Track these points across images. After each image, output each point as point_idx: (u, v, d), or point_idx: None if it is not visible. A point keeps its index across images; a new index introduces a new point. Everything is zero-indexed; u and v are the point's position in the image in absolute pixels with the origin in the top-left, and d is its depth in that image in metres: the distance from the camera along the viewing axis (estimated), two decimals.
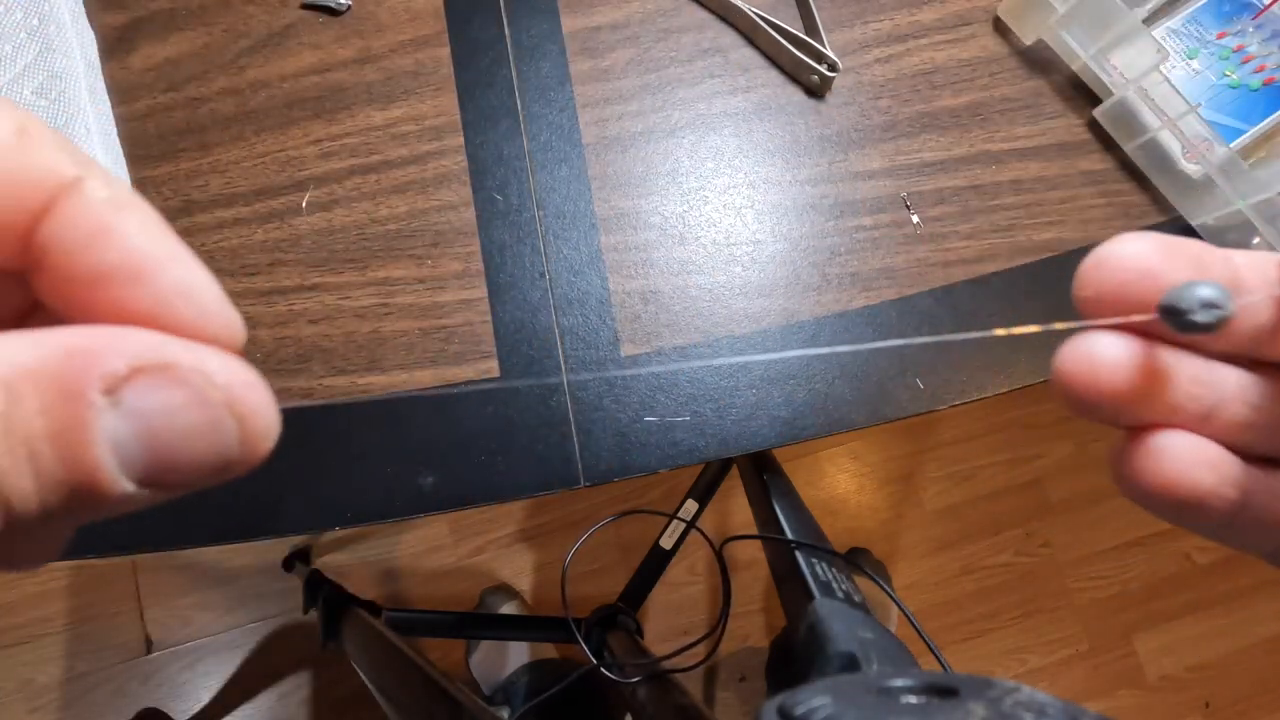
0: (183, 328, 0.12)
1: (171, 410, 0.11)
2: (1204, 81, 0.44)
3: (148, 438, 0.11)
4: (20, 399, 0.10)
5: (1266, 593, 1.19)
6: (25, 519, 0.10)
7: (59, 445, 0.10)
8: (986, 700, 0.20)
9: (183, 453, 0.11)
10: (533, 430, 0.39)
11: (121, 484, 0.11)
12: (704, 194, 0.43)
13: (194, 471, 0.11)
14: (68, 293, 0.11)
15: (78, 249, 0.11)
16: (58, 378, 0.10)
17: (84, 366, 0.10)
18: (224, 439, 0.11)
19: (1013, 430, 1.20)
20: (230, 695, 1.04)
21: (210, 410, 0.11)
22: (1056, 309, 0.42)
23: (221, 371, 0.12)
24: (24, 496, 0.10)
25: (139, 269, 0.11)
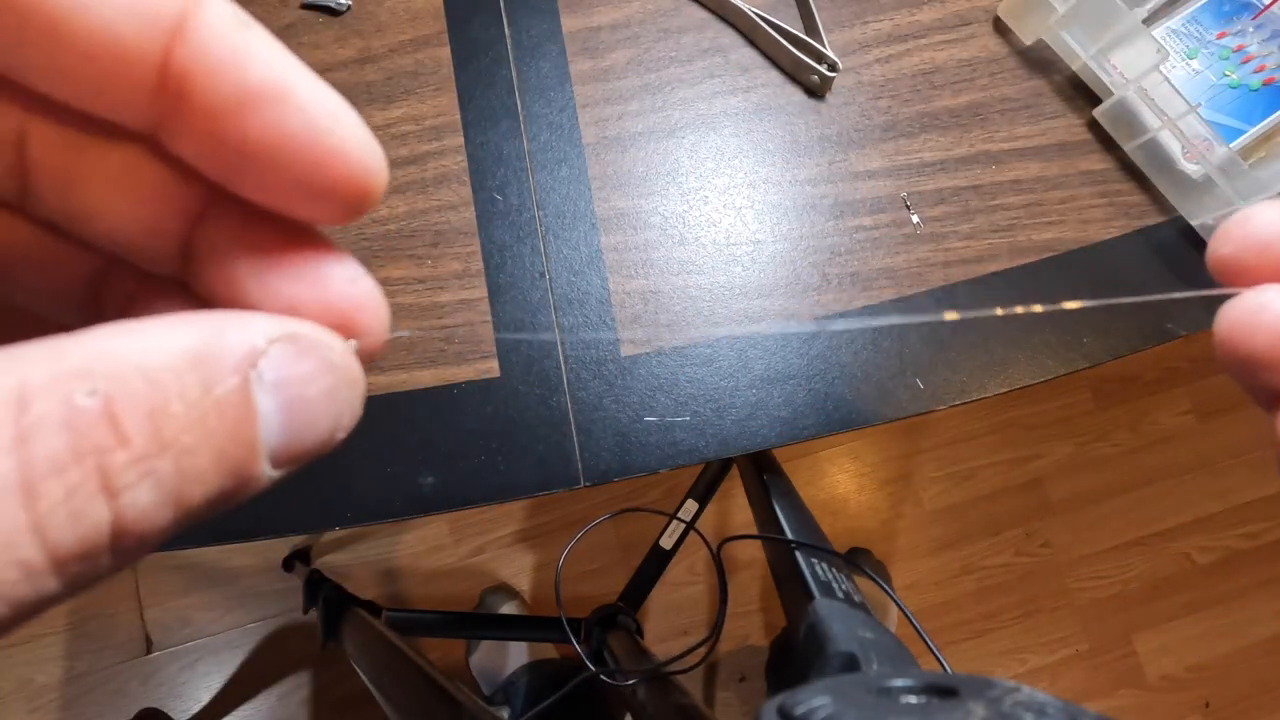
0: (335, 150, 0.11)
1: (307, 380, 0.11)
2: (1204, 81, 0.44)
3: (288, 412, 0.10)
4: (184, 379, 0.09)
5: (1266, 593, 1.19)
6: (194, 510, 0.10)
7: (226, 426, 0.10)
8: (986, 700, 0.20)
9: (311, 427, 0.11)
10: (533, 430, 0.39)
11: (267, 467, 0.10)
12: (704, 194, 0.43)
13: (314, 444, 0.11)
14: (214, 128, 0.10)
15: (220, 70, 0.10)
16: (208, 356, 0.10)
17: (230, 344, 0.10)
18: (340, 408, 0.11)
19: (1013, 430, 1.20)
20: (230, 695, 1.04)
21: (335, 377, 0.11)
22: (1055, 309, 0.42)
23: (336, 338, 0.11)
24: (205, 483, 0.09)
25: (282, 87, 0.10)
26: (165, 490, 0.09)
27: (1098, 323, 0.42)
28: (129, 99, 0.10)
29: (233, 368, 0.10)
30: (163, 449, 0.09)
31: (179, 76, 0.10)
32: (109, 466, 0.09)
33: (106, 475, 0.09)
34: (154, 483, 0.09)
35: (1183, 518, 1.20)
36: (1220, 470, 1.22)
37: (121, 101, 0.11)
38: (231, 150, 0.11)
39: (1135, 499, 1.20)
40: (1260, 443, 1.23)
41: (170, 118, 0.11)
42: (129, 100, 0.11)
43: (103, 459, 0.09)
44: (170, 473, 0.09)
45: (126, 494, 0.09)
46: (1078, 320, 0.42)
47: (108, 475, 0.09)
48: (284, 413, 0.10)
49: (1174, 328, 0.42)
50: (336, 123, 0.11)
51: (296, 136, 0.10)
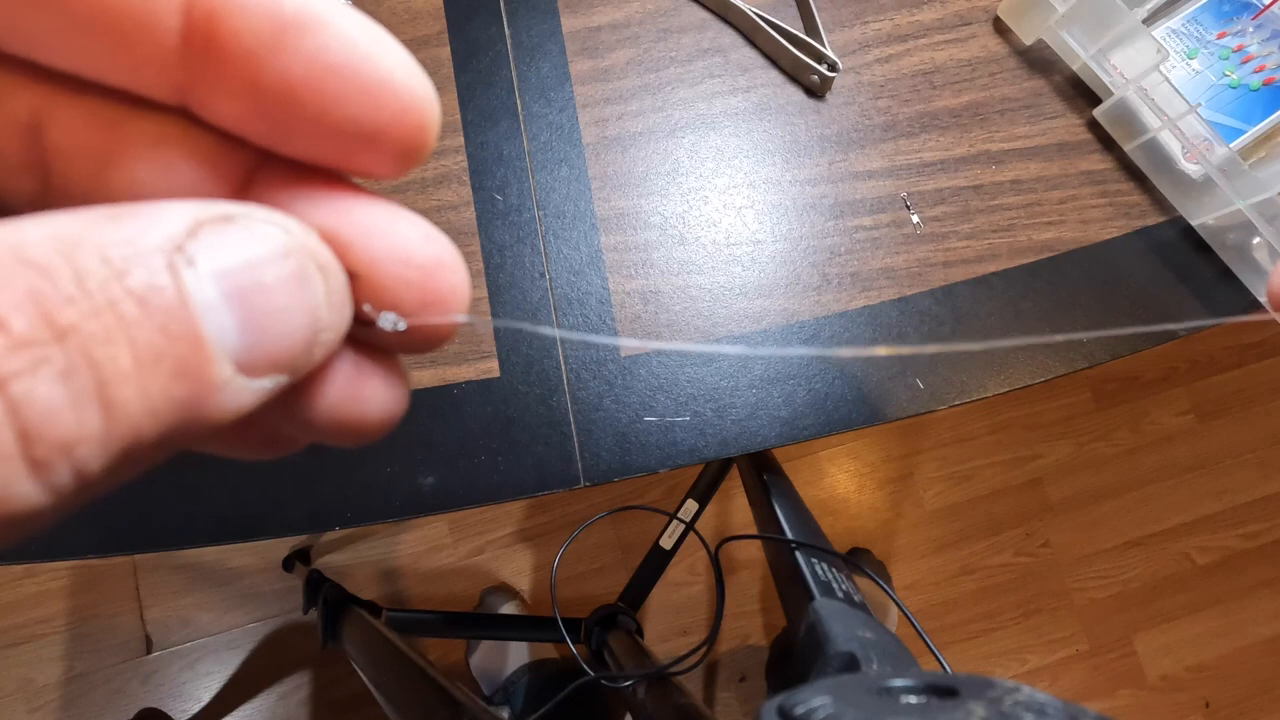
0: (383, 77, 0.10)
1: (257, 263, 0.09)
2: (1204, 81, 0.44)
3: (240, 303, 0.09)
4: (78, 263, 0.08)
5: (1266, 593, 1.19)
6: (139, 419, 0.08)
7: (152, 317, 0.08)
8: (986, 700, 0.20)
9: (275, 317, 0.09)
10: (533, 430, 0.39)
11: (226, 369, 0.09)
12: (704, 194, 0.43)
13: (288, 344, 0.09)
14: (250, 72, 0.09)
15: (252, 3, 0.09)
16: (112, 242, 0.08)
17: (139, 227, 0.08)
18: (313, 299, 0.10)
19: (1013, 430, 1.20)
20: (230, 695, 1.04)
21: (297, 260, 0.09)
22: (1056, 309, 0.42)
23: (289, 220, 0.10)
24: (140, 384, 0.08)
25: (318, 15, 0.09)
26: (77, 385, 0.08)
27: (1098, 323, 0.42)
28: (154, 59, 0.10)
29: (152, 248, 0.08)
30: (58, 336, 0.08)
31: (205, 19, 0.09)
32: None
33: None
34: (54, 374, 0.07)
35: (1183, 518, 1.20)
36: (1220, 470, 1.22)
37: (146, 64, 0.10)
38: (272, 96, 0.10)
39: (1135, 499, 1.20)
40: (1261, 443, 1.23)
41: (201, 75, 0.10)
42: (154, 61, 0.10)
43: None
44: (78, 365, 0.08)
45: (15, 382, 0.07)
46: (1078, 320, 0.42)
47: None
48: (235, 304, 0.09)
49: (1174, 328, 0.42)
50: (380, 47, 0.10)
51: (340, 67, 0.09)
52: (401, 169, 0.11)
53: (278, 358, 0.09)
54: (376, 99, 0.10)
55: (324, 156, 0.10)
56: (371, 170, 0.11)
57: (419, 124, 0.10)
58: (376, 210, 0.11)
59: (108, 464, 0.08)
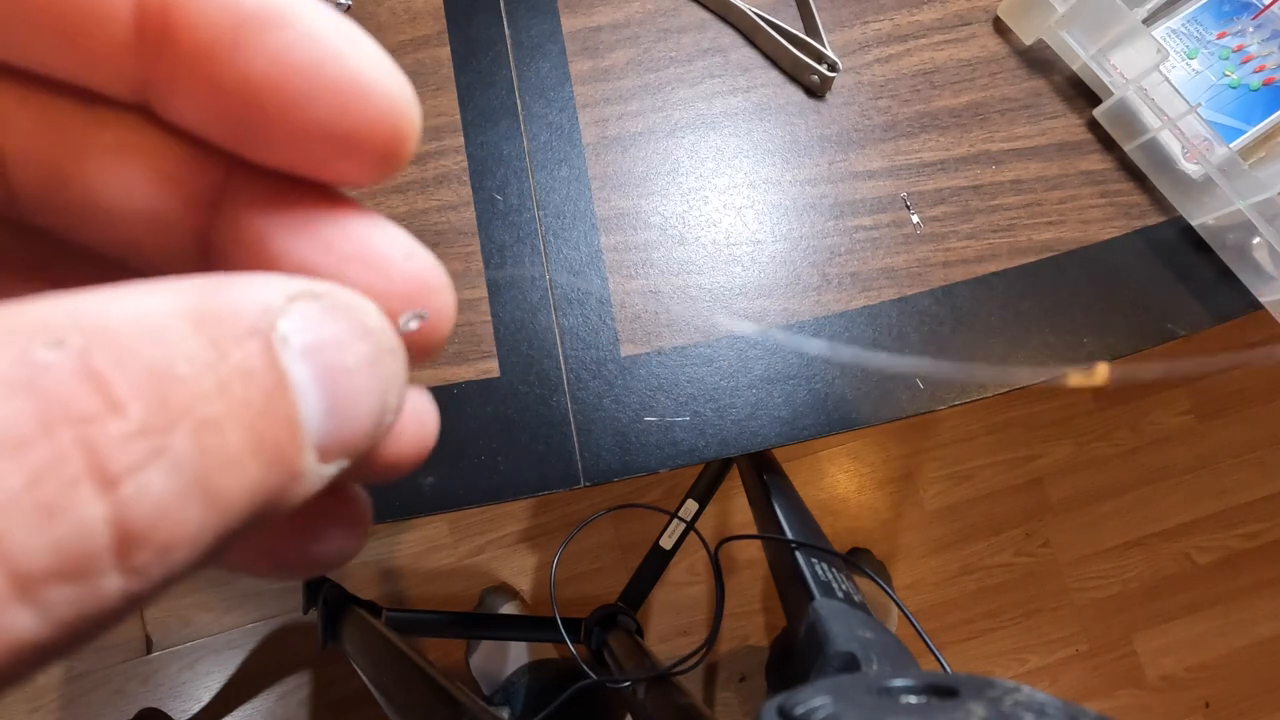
0: (353, 77, 0.09)
1: (341, 344, 0.09)
2: (1204, 81, 0.44)
3: (325, 384, 0.08)
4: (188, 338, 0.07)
5: (1266, 593, 1.19)
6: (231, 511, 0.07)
7: (256, 396, 0.07)
8: (986, 700, 0.20)
9: (356, 404, 0.09)
10: (533, 430, 0.39)
11: (312, 455, 0.08)
12: (704, 194, 0.43)
13: (361, 428, 0.09)
14: (208, 70, 0.09)
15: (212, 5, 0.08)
16: (214, 312, 0.08)
17: (239, 299, 0.08)
18: (385, 382, 0.09)
19: (1013, 430, 1.20)
20: (230, 695, 1.04)
21: (372, 342, 0.09)
22: (1055, 309, 0.42)
23: (367, 301, 0.09)
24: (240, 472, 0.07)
25: (282, 11, 0.09)
26: (186, 477, 0.07)
27: (1098, 323, 0.42)
28: (106, 52, 0.09)
29: (248, 327, 0.08)
30: (174, 421, 0.07)
31: (159, 11, 0.08)
32: (97, 441, 0.06)
33: (95, 453, 0.06)
34: (169, 465, 0.07)
35: (1183, 518, 1.20)
36: (1220, 470, 1.22)
37: (99, 57, 0.09)
38: (233, 96, 0.09)
39: (1135, 499, 1.20)
40: (1261, 443, 1.23)
41: (158, 71, 0.09)
42: (107, 54, 0.09)
43: (88, 431, 0.06)
44: (190, 453, 0.07)
45: (129, 480, 0.06)
46: (1078, 320, 0.42)
47: (97, 453, 0.06)
48: (321, 384, 0.08)
49: (1174, 328, 0.42)
50: (351, 46, 0.09)
51: (306, 66, 0.09)
52: (378, 176, 0.10)
53: (349, 442, 0.09)
54: (347, 101, 0.09)
55: (294, 163, 0.10)
56: (347, 177, 0.10)
57: (395, 127, 0.10)
58: (356, 226, 0.10)
59: (194, 561, 0.07)
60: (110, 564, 0.06)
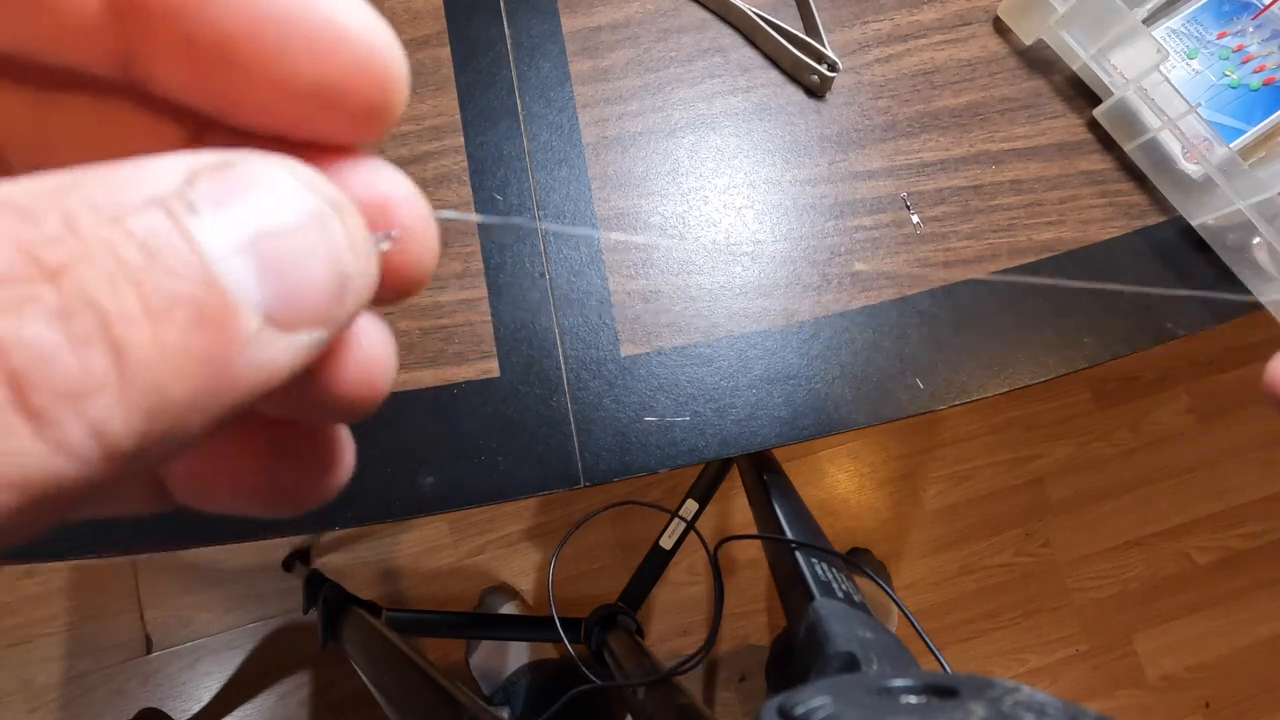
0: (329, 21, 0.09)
1: (268, 209, 0.08)
2: (1204, 81, 0.44)
3: (256, 251, 0.08)
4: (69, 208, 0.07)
5: (1266, 593, 1.19)
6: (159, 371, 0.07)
7: (157, 263, 0.07)
8: (986, 700, 0.20)
9: (296, 265, 0.08)
10: (533, 430, 0.39)
11: (253, 320, 0.08)
12: (704, 194, 0.43)
13: (315, 294, 0.09)
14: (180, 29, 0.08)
15: None
16: (103, 188, 0.07)
17: (133, 178, 0.08)
18: (335, 242, 0.09)
19: (1013, 430, 1.20)
20: (230, 695, 1.04)
21: (312, 200, 0.09)
22: (1055, 308, 0.42)
23: (291, 160, 0.09)
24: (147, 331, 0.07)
25: None
26: (75, 328, 0.07)
27: (1098, 322, 0.42)
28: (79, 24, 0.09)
29: (145, 197, 0.08)
30: (46, 275, 0.07)
31: None
32: None
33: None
34: (44, 313, 0.07)
35: (1183, 518, 1.20)
36: (1220, 470, 1.22)
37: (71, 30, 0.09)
38: (209, 54, 0.09)
39: (1135, 499, 1.20)
40: (1261, 443, 1.23)
41: (134, 39, 0.09)
42: (79, 26, 0.09)
43: None
44: (74, 306, 0.07)
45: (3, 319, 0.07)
46: (1078, 320, 0.42)
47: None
48: (249, 253, 0.08)
49: (1174, 327, 0.42)
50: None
51: (279, 14, 0.08)
52: (369, 131, 0.10)
53: (307, 310, 0.09)
54: (325, 48, 0.09)
55: (279, 123, 0.09)
56: (335, 135, 0.10)
57: (380, 75, 0.09)
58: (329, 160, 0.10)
59: (136, 427, 0.07)
60: (6, 401, 0.07)
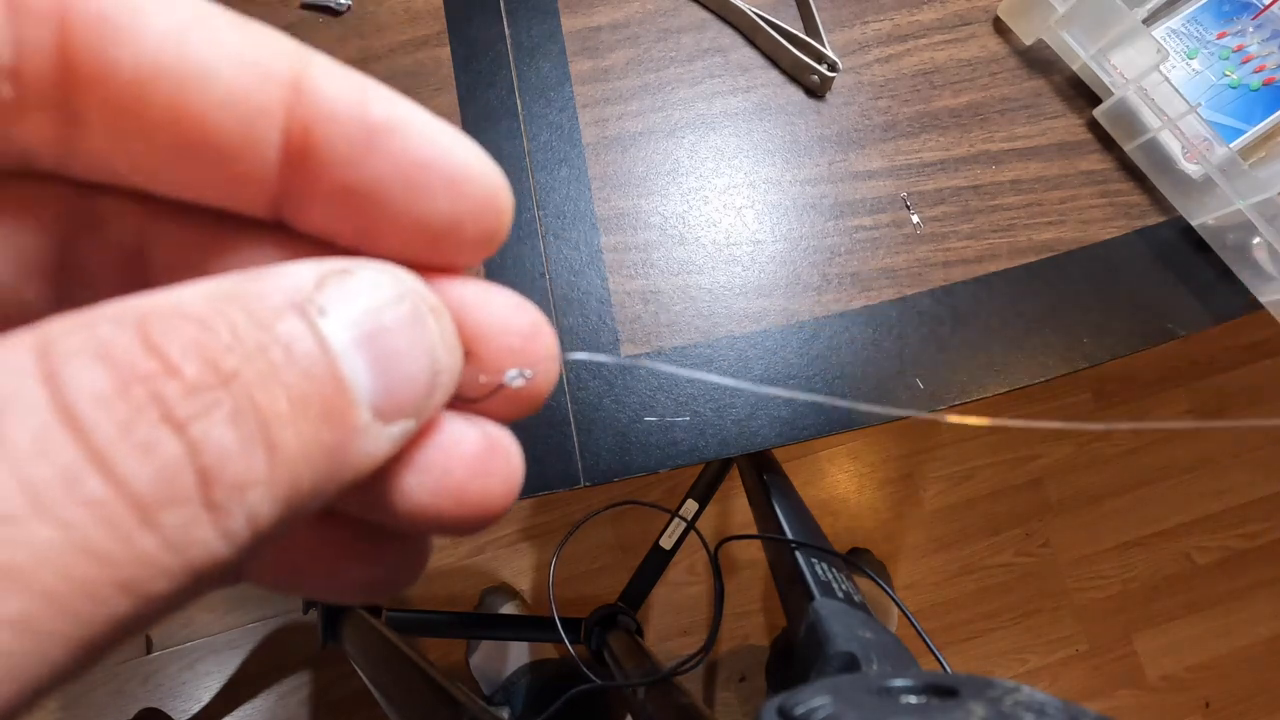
0: (460, 168, 0.10)
1: (379, 309, 0.10)
2: (1204, 81, 0.44)
3: (369, 348, 0.09)
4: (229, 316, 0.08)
5: (1266, 593, 1.19)
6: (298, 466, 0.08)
7: (298, 364, 0.09)
8: (986, 700, 0.20)
9: (399, 359, 0.10)
10: (533, 430, 0.39)
11: (365, 413, 0.09)
12: (704, 194, 0.43)
13: (414, 385, 0.10)
14: (343, 174, 0.10)
15: (345, 114, 0.10)
16: (249, 294, 0.09)
17: (271, 283, 0.09)
18: (432, 341, 0.10)
19: (1013, 430, 1.20)
20: (230, 695, 1.04)
21: (413, 303, 0.10)
22: (1055, 309, 0.42)
23: (397, 268, 0.10)
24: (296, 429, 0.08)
25: (401, 119, 0.10)
26: (245, 428, 0.08)
27: (1098, 322, 0.42)
28: (255, 178, 0.10)
29: (283, 302, 0.09)
30: (223, 381, 0.08)
31: (302, 134, 0.10)
32: (163, 394, 0.08)
33: (163, 403, 0.08)
34: (227, 415, 0.08)
35: (1183, 518, 1.20)
36: (1220, 470, 1.22)
37: (248, 183, 0.10)
38: (363, 197, 0.10)
39: (1135, 499, 1.20)
40: (1261, 443, 1.23)
41: (296, 186, 0.10)
42: (256, 180, 0.10)
43: (153, 386, 0.08)
44: (244, 408, 0.08)
45: (194, 425, 0.08)
46: (1078, 320, 0.42)
47: (164, 403, 0.08)
48: (364, 346, 0.09)
49: (1174, 328, 0.42)
50: (457, 142, 0.11)
51: (425, 163, 0.10)
52: (481, 256, 0.11)
53: (405, 400, 0.10)
54: (458, 190, 0.10)
55: (409, 251, 0.11)
56: (453, 259, 0.11)
57: (497, 211, 0.11)
58: (470, 287, 0.12)
59: (276, 511, 0.08)
60: (197, 497, 0.08)
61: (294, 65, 0.10)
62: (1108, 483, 1.20)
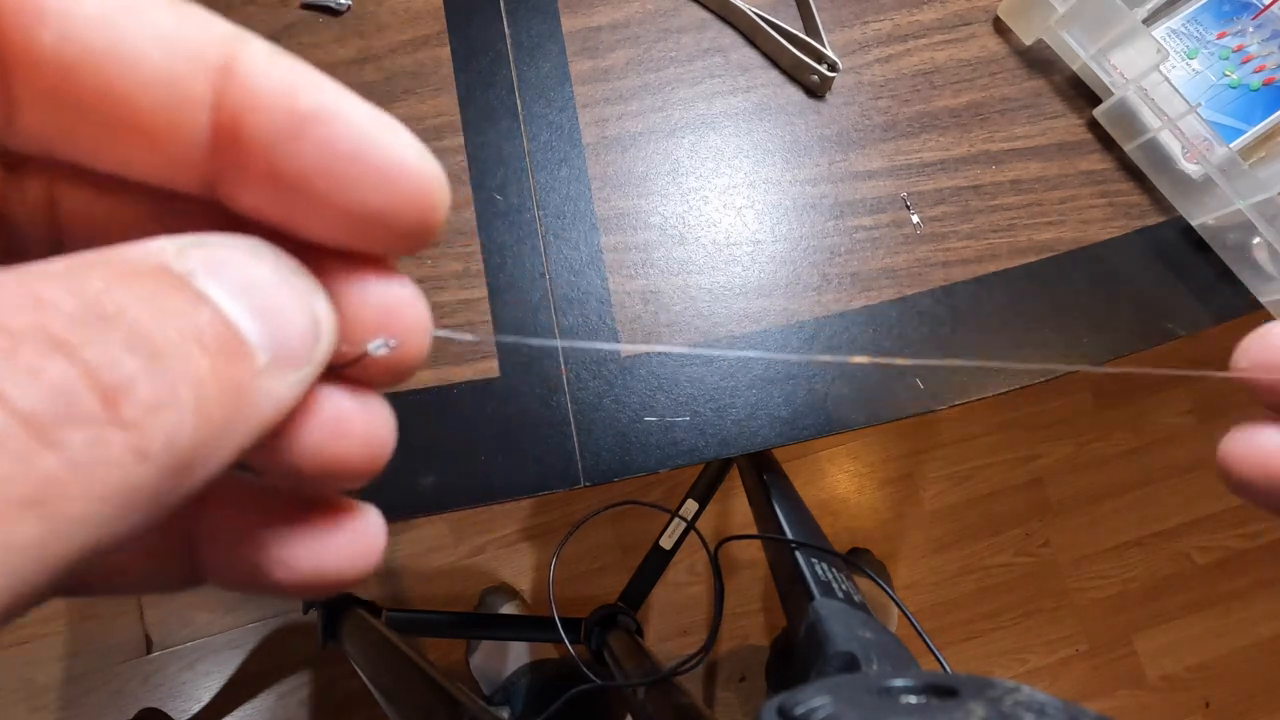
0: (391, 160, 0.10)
1: (242, 264, 0.10)
2: (1204, 81, 0.44)
3: (241, 294, 0.09)
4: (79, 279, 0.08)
5: (1266, 593, 1.19)
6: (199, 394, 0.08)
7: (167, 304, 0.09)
8: (986, 700, 0.20)
9: (280, 308, 0.10)
10: (533, 430, 0.39)
11: (262, 355, 0.09)
12: (704, 194, 0.43)
13: (300, 334, 0.10)
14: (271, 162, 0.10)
15: (273, 100, 0.10)
16: (106, 260, 0.09)
17: (127, 254, 0.09)
18: (302, 292, 0.10)
19: (1013, 430, 1.20)
20: (230, 695, 1.04)
21: (272, 261, 0.10)
22: (1055, 309, 0.42)
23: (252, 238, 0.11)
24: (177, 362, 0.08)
25: (332, 108, 0.10)
26: (143, 353, 0.08)
27: (1098, 322, 0.42)
28: (185, 159, 0.10)
29: (151, 267, 0.09)
30: (107, 316, 0.08)
31: (231, 119, 0.10)
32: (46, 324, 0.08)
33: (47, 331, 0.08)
34: (121, 341, 0.08)
35: (1183, 518, 1.20)
36: None
37: (179, 163, 0.10)
38: (292, 184, 0.10)
39: (1135, 499, 1.20)
40: None
41: (226, 169, 0.11)
42: (186, 160, 0.10)
43: (35, 318, 0.08)
44: (137, 335, 0.08)
45: (86, 349, 0.08)
46: (1078, 320, 0.42)
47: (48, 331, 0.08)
48: (243, 301, 0.09)
49: (1174, 328, 0.42)
50: (391, 133, 0.11)
51: (354, 153, 0.10)
52: (416, 247, 0.11)
53: (296, 348, 0.10)
54: (388, 183, 0.10)
55: (340, 237, 0.11)
56: (385, 248, 0.11)
57: (430, 206, 0.11)
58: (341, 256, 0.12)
59: (195, 439, 0.08)
60: (102, 416, 0.08)
61: (226, 50, 0.10)
62: (1108, 483, 1.20)
